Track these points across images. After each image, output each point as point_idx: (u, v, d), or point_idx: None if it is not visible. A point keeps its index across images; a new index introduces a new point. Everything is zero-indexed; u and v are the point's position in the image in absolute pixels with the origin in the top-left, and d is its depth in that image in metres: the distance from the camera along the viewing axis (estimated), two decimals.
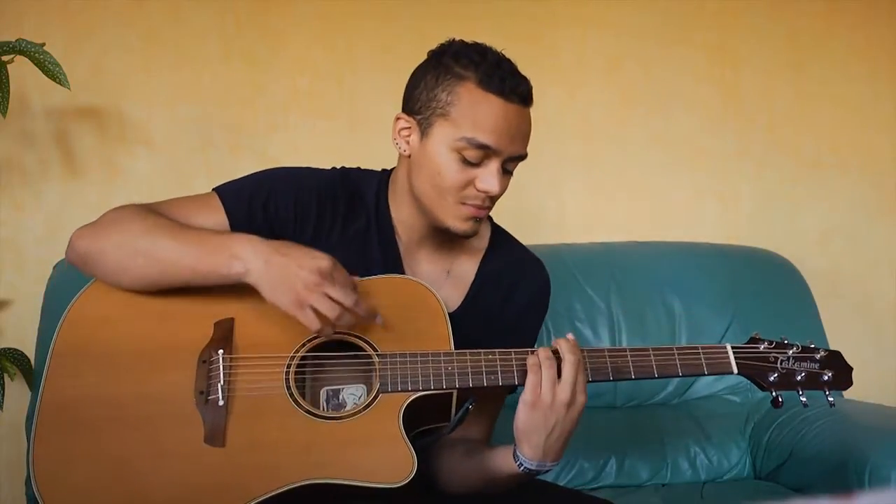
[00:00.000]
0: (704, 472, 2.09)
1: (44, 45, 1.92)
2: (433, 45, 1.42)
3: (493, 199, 1.37)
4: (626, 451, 2.07)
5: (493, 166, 1.33)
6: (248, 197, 1.38)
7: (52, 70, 1.91)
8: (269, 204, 1.38)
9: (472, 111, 1.32)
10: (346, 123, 2.33)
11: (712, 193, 2.57)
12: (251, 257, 1.25)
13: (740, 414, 2.15)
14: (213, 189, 1.41)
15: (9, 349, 1.99)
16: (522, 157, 1.38)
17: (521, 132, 1.36)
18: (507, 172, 1.37)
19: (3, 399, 1.95)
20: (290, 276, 1.23)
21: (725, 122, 2.58)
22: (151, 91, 2.25)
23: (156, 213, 1.34)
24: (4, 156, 2.17)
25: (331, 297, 1.23)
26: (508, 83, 1.33)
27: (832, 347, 2.15)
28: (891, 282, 2.67)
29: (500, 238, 1.52)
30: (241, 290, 1.29)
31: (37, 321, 1.91)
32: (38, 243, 2.17)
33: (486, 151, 1.32)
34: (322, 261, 1.24)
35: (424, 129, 1.35)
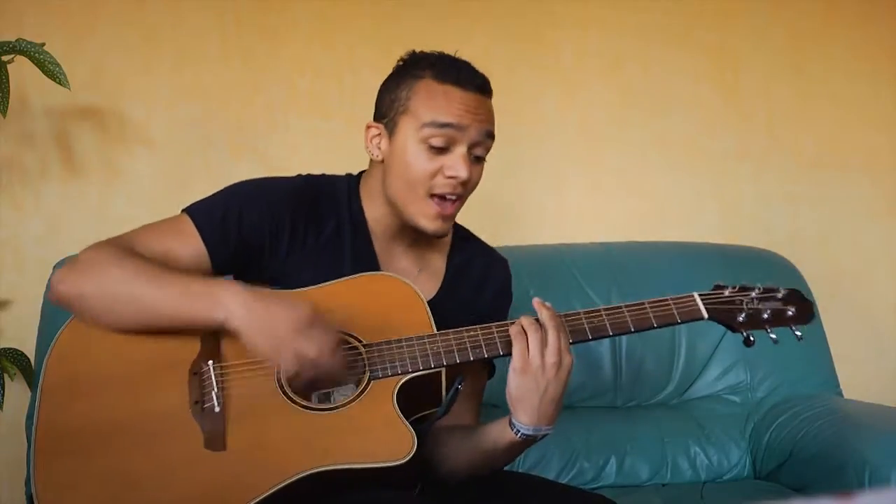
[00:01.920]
0: (704, 472, 2.09)
1: (44, 45, 1.92)
2: (433, 45, 1.46)
3: (463, 190, 1.39)
4: (626, 451, 2.07)
5: (459, 151, 1.37)
6: (220, 217, 1.38)
7: (52, 70, 1.91)
8: (243, 221, 1.38)
9: (431, 100, 1.38)
10: (345, 123, 2.33)
11: (712, 194, 2.57)
12: (233, 305, 1.26)
13: (740, 414, 2.15)
14: (184, 210, 1.41)
15: (9, 349, 1.99)
16: (489, 137, 1.40)
17: (482, 115, 1.39)
18: (477, 160, 1.40)
19: (2, 399, 1.95)
20: (272, 324, 1.24)
21: (725, 122, 2.58)
22: (151, 91, 2.25)
23: (133, 254, 1.32)
24: (4, 156, 2.17)
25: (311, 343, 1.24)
26: (463, 74, 1.39)
27: (832, 347, 2.19)
28: (891, 282, 2.67)
29: (462, 233, 1.57)
30: None
31: (37, 321, 1.91)
32: (38, 243, 2.17)
33: (451, 132, 1.36)
34: (302, 310, 1.25)
35: (391, 130, 1.41)
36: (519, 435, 1.31)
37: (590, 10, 2.50)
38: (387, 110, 1.43)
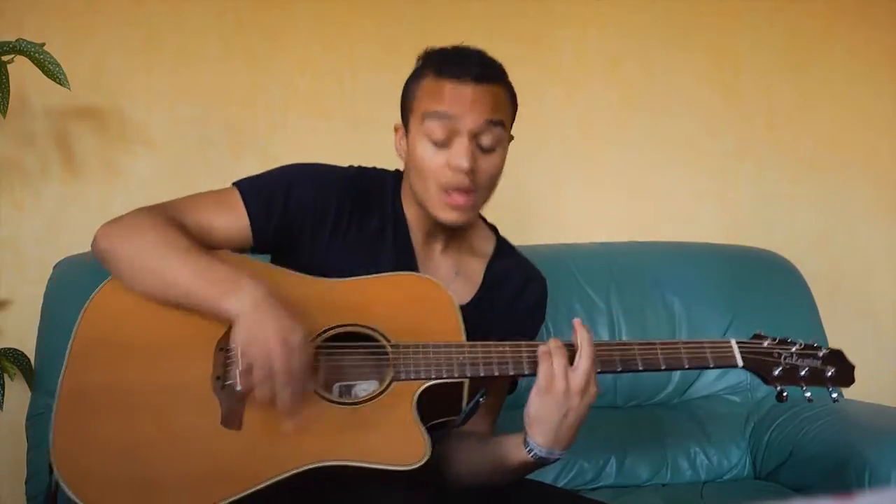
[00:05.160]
0: (704, 472, 2.09)
1: (44, 45, 1.92)
2: (433, 45, 1.46)
3: (471, 181, 1.37)
4: (626, 451, 2.07)
5: (460, 142, 1.36)
6: (267, 195, 1.40)
7: (52, 70, 1.91)
8: (290, 202, 1.40)
9: (429, 94, 1.39)
10: (346, 123, 2.33)
11: (712, 193, 2.57)
12: (248, 299, 1.25)
13: (740, 414, 2.15)
14: (234, 184, 1.43)
15: (9, 349, 1.99)
16: (492, 125, 1.37)
17: (480, 103, 1.37)
18: (486, 151, 1.38)
19: (2, 399, 1.95)
20: (266, 325, 1.23)
21: (725, 122, 2.58)
22: (151, 91, 2.25)
23: (176, 225, 1.34)
24: (4, 156, 2.17)
25: (274, 375, 1.21)
26: (460, 66, 1.38)
27: (832, 347, 2.19)
28: (891, 282, 2.67)
29: (505, 246, 1.57)
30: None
31: (37, 321, 1.91)
32: (38, 243, 2.17)
33: (447, 123, 1.35)
34: (299, 332, 1.23)
35: (407, 131, 1.43)
36: (532, 454, 1.31)
37: (590, 9, 2.50)
38: (403, 112, 1.45)
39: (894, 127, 2.68)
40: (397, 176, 1.51)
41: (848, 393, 2.19)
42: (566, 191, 2.49)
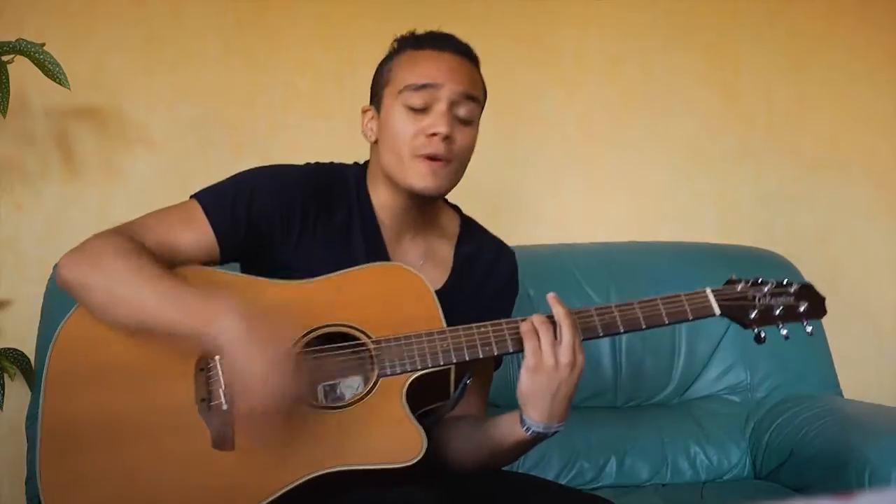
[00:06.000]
0: (704, 472, 2.09)
1: (44, 45, 1.92)
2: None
3: (448, 150, 1.38)
4: (626, 451, 2.07)
5: (438, 108, 1.38)
6: (230, 204, 1.36)
7: (52, 70, 1.91)
8: (253, 209, 1.37)
9: (409, 66, 1.41)
10: (345, 123, 2.32)
11: (712, 193, 2.57)
12: (227, 328, 1.21)
13: (740, 414, 2.15)
14: (193, 196, 1.39)
15: (9, 349, 1.99)
16: (469, 99, 1.40)
17: (461, 73, 1.41)
18: (463, 122, 1.40)
19: (3, 399, 1.95)
20: (252, 358, 1.20)
21: (725, 122, 2.58)
22: (151, 91, 2.25)
23: (141, 251, 1.29)
24: (4, 156, 2.17)
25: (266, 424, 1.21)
26: (440, 41, 1.43)
27: (832, 347, 2.19)
28: (891, 282, 2.67)
29: (470, 225, 1.56)
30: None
31: (37, 321, 1.91)
32: (38, 243, 2.17)
33: (427, 91, 1.38)
34: (281, 350, 1.21)
35: (379, 107, 1.44)
36: (529, 432, 1.31)
37: (590, 10, 2.50)
38: (375, 89, 1.46)
39: (894, 127, 2.68)
40: (358, 167, 1.50)
41: (848, 393, 2.21)
42: (566, 191, 2.49)
